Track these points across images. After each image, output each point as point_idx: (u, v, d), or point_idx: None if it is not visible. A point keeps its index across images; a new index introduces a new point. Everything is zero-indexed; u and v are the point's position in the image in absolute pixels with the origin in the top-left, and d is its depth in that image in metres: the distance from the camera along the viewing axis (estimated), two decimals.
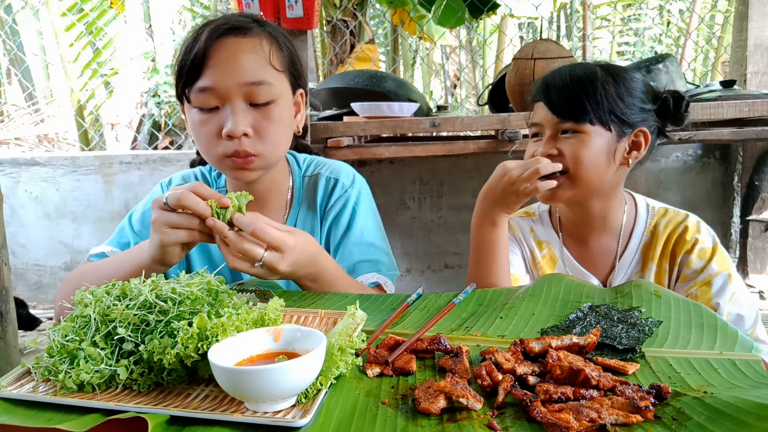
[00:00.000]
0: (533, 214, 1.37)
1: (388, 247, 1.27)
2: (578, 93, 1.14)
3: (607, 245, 1.27)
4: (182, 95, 1.10)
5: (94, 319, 0.72)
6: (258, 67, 1.07)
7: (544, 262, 1.32)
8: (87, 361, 0.68)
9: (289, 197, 1.26)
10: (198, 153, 1.38)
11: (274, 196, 1.24)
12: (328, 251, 1.20)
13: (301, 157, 1.33)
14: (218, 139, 1.07)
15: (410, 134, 2.76)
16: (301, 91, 1.18)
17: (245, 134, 1.06)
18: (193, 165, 1.38)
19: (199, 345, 0.66)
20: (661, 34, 7.27)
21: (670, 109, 1.19)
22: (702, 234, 1.21)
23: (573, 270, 1.28)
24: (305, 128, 1.25)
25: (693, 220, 1.23)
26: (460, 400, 0.60)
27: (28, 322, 1.98)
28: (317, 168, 1.29)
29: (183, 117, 1.18)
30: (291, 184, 1.27)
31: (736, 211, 2.93)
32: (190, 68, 1.06)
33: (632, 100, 1.16)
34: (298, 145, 1.40)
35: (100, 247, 1.20)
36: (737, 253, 2.95)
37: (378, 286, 1.19)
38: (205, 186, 0.93)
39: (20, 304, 2.60)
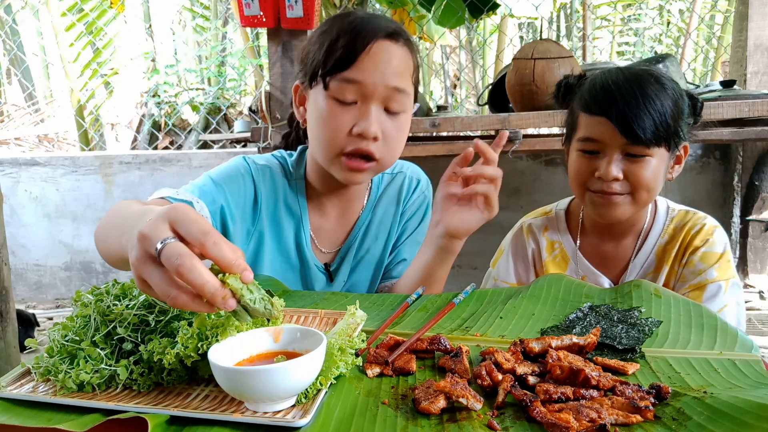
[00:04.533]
0: (550, 212, 1.36)
1: None
2: (654, 118, 1.08)
3: (623, 246, 1.27)
4: (313, 80, 1.09)
5: (94, 319, 0.72)
6: (403, 76, 1.08)
7: (553, 263, 1.31)
8: (87, 361, 0.68)
9: (367, 190, 1.30)
10: (286, 141, 1.39)
11: (359, 192, 1.27)
12: (399, 240, 1.31)
13: None
14: (346, 135, 1.07)
15: (410, 134, 2.75)
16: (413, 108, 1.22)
17: (375, 137, 1.07)
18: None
19: (199, 345, 0.65)
20: (661, 34, 7.27)
21: (695, 114, 1.17)
22: (714, 238, 1.19)
23: (585, 270, 1.28)
24: None
25: (710, 223, 1.22)
26: (460, 400, 0.60)
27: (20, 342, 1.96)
28: (395, 167, 1.34)
29: (294, 100, 1.17)
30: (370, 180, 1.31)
31: (736, 211, 2.93)
32: (341, 56, 1.04)
33: (684, 118, 1.14)
34: None
35: (165, 190, 1.05)
36: (737, 253, 2.95)
37: None
38: (223, 242, 0.58)
39: (25, 321, 2.55)
